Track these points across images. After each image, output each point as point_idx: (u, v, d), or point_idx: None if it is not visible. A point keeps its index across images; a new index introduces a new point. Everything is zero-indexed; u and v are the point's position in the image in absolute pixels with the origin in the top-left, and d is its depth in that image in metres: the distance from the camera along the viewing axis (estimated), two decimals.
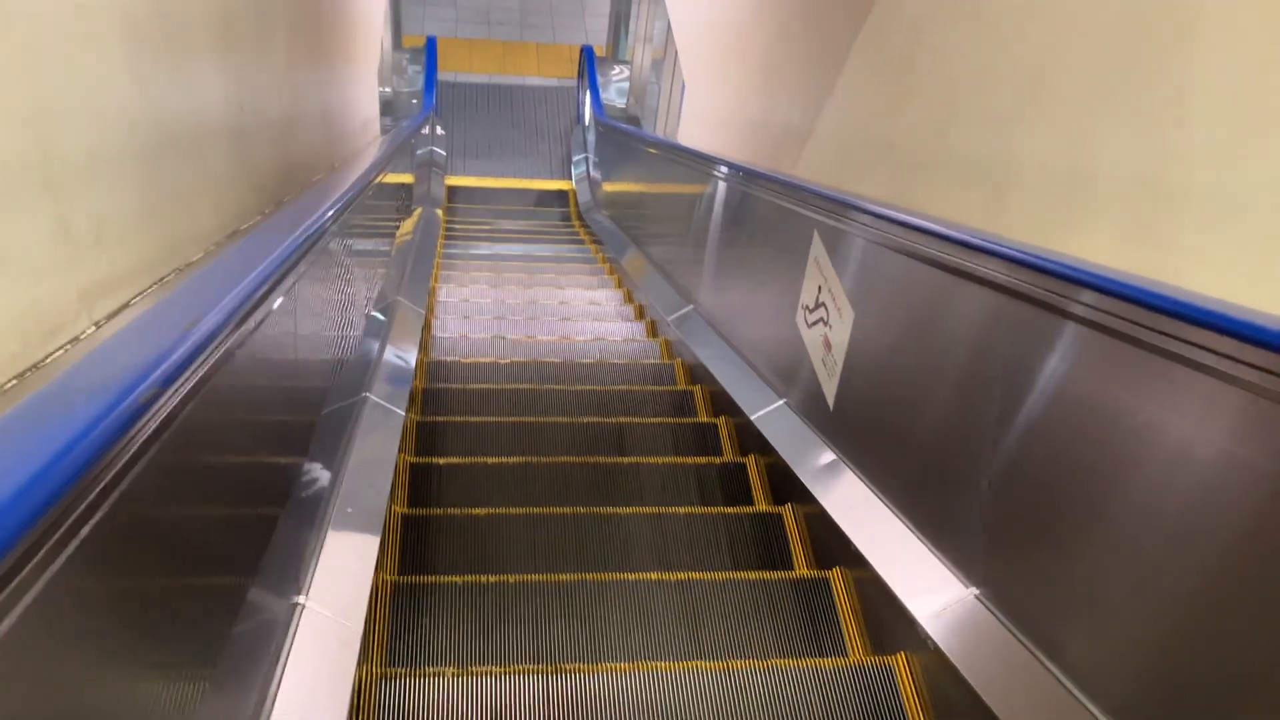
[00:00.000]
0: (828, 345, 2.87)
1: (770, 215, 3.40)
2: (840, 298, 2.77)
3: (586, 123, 9.36)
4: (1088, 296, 1.54)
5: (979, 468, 1.84)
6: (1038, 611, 1.64)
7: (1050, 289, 1.63)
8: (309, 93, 3.58)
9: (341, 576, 1.95)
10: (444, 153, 9.30)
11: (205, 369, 1.17)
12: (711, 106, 5.70)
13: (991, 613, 1.76)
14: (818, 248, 2.97)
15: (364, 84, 5.90)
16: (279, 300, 1.73)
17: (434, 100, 8.67)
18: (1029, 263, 1.74)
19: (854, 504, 2.49)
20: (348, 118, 4.86)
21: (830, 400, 2.81)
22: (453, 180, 9.19)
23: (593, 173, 8.80)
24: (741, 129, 4.89)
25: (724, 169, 3.96)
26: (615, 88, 10.14)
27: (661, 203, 5.45)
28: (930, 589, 2.01)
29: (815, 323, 3.00)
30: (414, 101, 9.66)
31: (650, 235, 5.61)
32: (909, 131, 2.90)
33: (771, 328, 3.34)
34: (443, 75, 10.57)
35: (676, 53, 7.57)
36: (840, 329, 2.74)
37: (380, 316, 3.64)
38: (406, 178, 5.99)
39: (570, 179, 9.38)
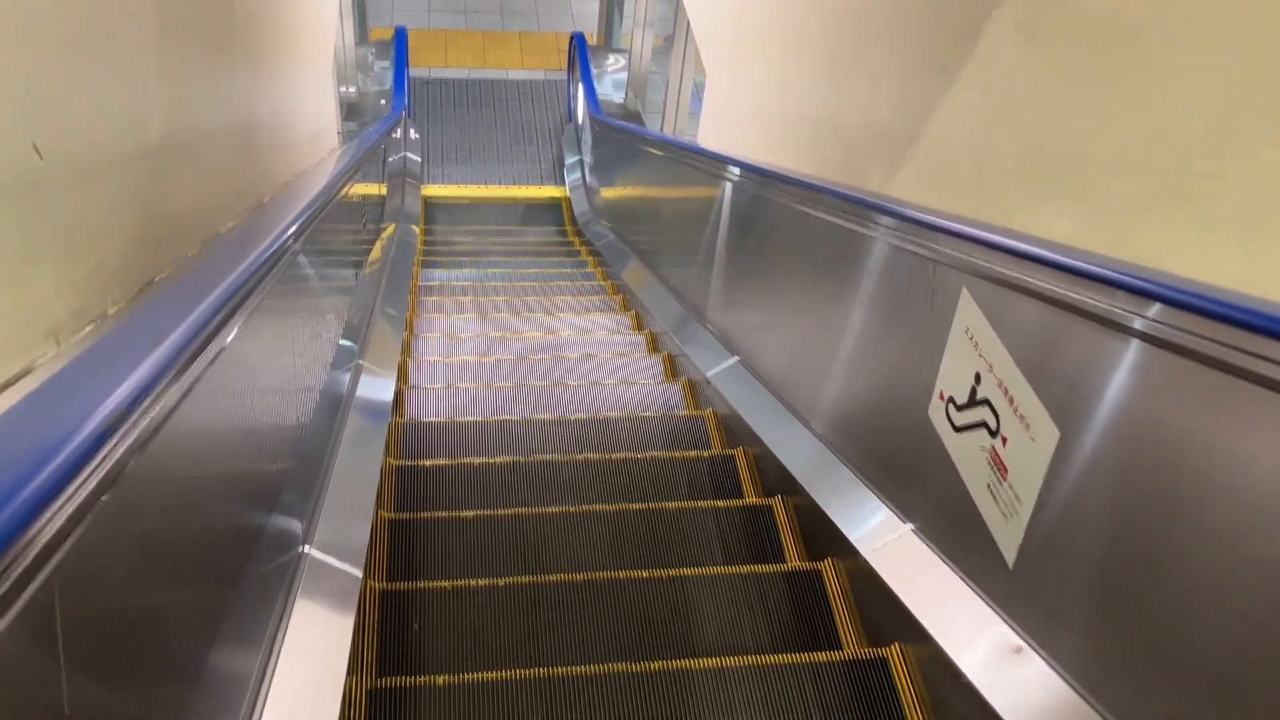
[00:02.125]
0: (999, 467, 1.85)
1: (868, 254, 2.38)
2: (1026, 399, 1.74)
3: (580, 121, 8.27)
4: None
5: None
6: None
7: None
8: (209, 105, 2.51)
9: None
10: (419, 159, 8.21)
11: None
12: (746, 101, 4.64)
13: None
14: (970, 315, 1.94)
15: (313, 85, 4.81)
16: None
17: (405, 100, 7.58)
18: None
19: None
20: (287, 130, 3.78)
21: (1008, 552, 1.79)
22: (430, 190, 8.11)
23: (589, 178, 7.72)
24: (794, 130, 3.83)
25: (788, 186, 2.91)
26: (611, 80, 9.04)
27: (683, 220, 4.38)
28: None
29: (970, 426, 1.98)
30: (382, 102, 8.56)
31: (669, 260, 4.55)
32: (1132, 139, 1.86)
33: (874, 408, 2.33)
34: (415, 71, 9.47)
35: (687, 38, 6.50)
36: (1027, 448, 1.73)
37: (340, 382, 2.60)
38: (374, 189, 4.92)
39: (564, 185, 8.30)
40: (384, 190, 5.79)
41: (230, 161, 2.72)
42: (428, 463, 2.75)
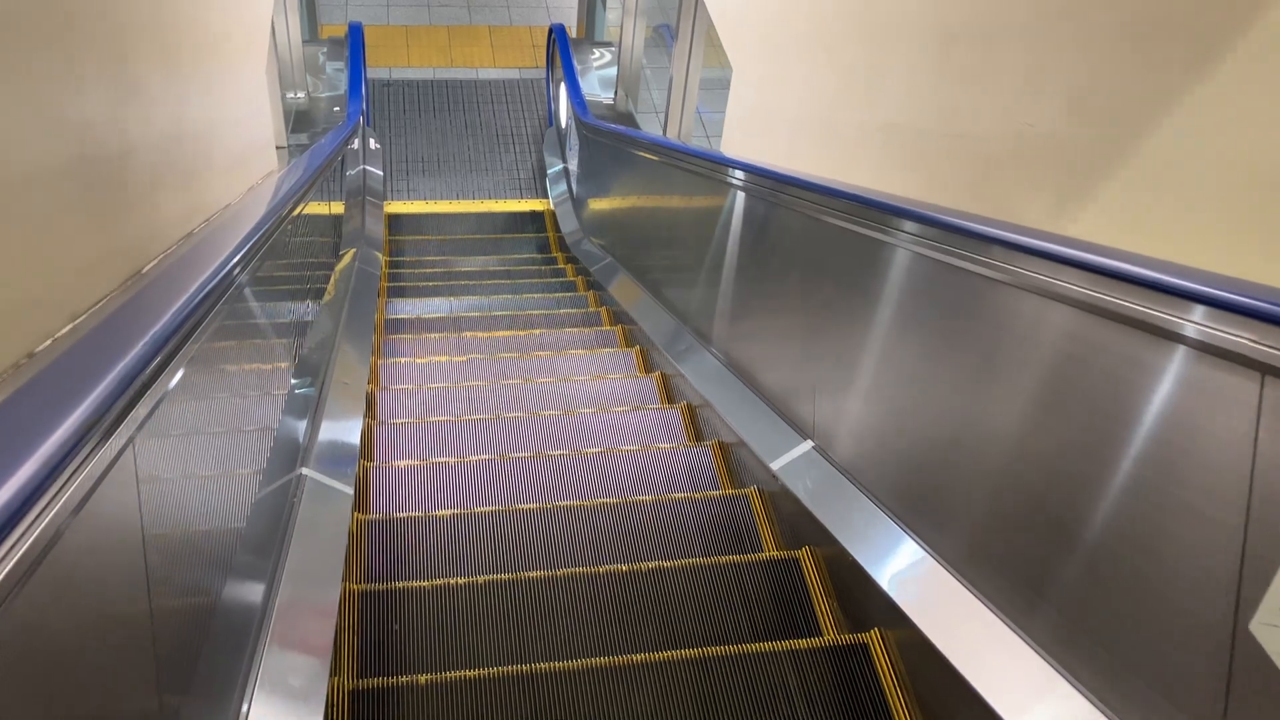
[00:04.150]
0: None
1: (1075, 338, 1.43)
2: None
3: (564, 124, 7.28)
4: None
5: None
6: None
7: None
8: (18, 131, 1.51)
9: None
10: (380, 172, 7.19)
11: None
12: (792, 102, 3.68)
13: None
14: None
15: (240, 93, 3.80)
16: None
17: (363, 105, 6.56)
18: None
19: None
20: (192, 155, 2.78)
21: None
22: (394, 208, 7.10)
23: (577, 190, 6.74)
24: (876, 141, 2.88)
25: (907, 222, 1.95)
26: (596, 77, 8.05)
27: (708, 245, 3.41)
28: None
29: None
30: (336, 109, 7.52)
31: (688, 295, 3.59)
32: None
33: (1103, 586, 1.40)
34: (374, 72, 8.45)
35: (695, 24, 5.56)
36: None
37: (273, 515, 1.65)
38: (326, 209, 3.94)
39: (547, 198, 7.31)
40: (341, 210, 4.82)
41: (67, 221, 1.72)
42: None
